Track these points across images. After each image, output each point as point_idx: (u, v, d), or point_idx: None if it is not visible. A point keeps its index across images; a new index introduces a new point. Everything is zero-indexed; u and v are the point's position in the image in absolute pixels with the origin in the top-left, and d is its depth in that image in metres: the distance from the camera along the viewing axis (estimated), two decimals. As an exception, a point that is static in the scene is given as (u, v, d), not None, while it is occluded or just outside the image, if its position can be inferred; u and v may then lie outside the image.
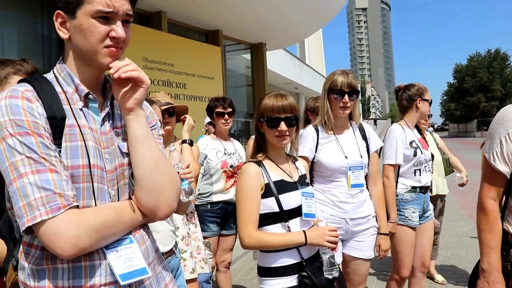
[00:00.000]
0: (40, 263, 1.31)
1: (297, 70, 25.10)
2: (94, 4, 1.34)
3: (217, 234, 4.37)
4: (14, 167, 1.23)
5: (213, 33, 11.44)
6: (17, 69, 2.16)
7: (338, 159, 3.15)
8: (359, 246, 3.21)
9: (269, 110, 2.42)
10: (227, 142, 4.52)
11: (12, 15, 7.58)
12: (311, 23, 13.49)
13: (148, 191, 1.41)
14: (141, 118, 1.45)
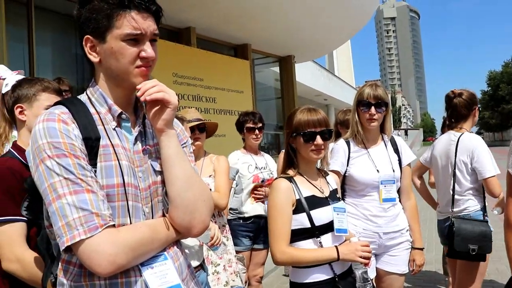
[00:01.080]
0: (79, 280, 1.35)
1: (326, 82, 25.02)
2: (123, 28, 1.38)
3: (249, 248, 4.37)
4: (52, 188, 1.27)
5: (242, 47, 11.53)
6: (45, 87, 2.21)
7: (370, 173, 3.11)
8: (393, 261, 3.15)
9: (305, 125, 2.42)
10: (258, 156, 4.53)
11: (47, 36, 7.83)
12: (339, 35, 13.45)
13: (182, 209, 1.44)
14: (172, 138, 1.48)
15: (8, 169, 1.97)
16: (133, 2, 1.38)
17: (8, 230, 1.89)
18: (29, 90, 2.19)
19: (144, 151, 1.51)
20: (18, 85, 2.23)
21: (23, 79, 2.30)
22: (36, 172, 1.31)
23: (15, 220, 1.90)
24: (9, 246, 1.89)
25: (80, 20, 1.43)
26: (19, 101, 2.19)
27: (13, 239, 1.89)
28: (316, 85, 22.35)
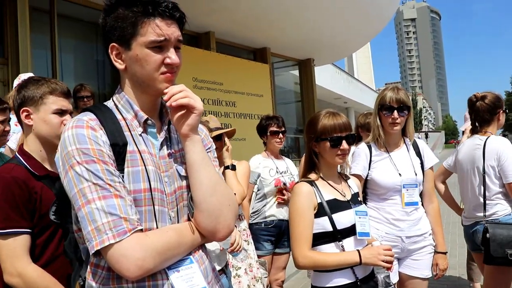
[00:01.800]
0: (107, 283, 1.38)
1: (345, 84, 24.92)
2: (148, 35, 1.40)
3: (271, 252, 4.37)
4: (82, 193, 1.30)
5: (261, 50, 11.56)
6: (53, 89, 2.11)
7: (392, 177, 3.09)
8: (415, 265, 3.12)
9: (331, 130, 2.41)
10: (279, 160, 4.53)
11: (69, 43, 7.96)
12: (359, 37, 13.40)
13: (208, 214, 1.45)
14: (197, 143, 1.50)
15: (13, 178, 1.92)
16: (157, 10, 1.40)
17: (11, 244, 1.87)
18: (36, 92, 2.08)
19: (170, 156, 1.53)
20: (24, 85, 2.12)
21: (29, 78, 2.20)
22: (66, 178, 1.34)
23: (18, 233, 1.89)
24: (11, 260, 1.87)
25: (106, 28, 1.46)
26: (25, 104, 2.09)
27: (16, 253, 1.87)
28: (336, 88, 22.27)
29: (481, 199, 3.56)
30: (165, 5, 1.41)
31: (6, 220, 1.87)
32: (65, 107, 2.12)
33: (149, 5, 1.40)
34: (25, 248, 1.89)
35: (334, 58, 16.48)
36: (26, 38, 6.47)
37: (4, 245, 1.87)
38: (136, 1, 1.41)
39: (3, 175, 1.94)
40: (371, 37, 14.78)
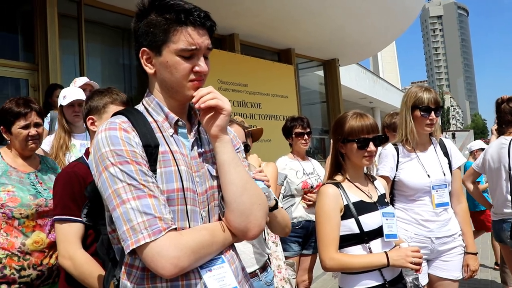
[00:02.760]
0: (141, 283, 1.40)
1: (371, 84, 24.69)
2: (179, 43, 1.43)
3: (298, 253, 4.37)
4: (116, 194, 1.33)
5: (285, 52, 11.56)
6: (114, 99, 2.31)
7: (420, 178, 3.06)
8: (445, 266, 3.08)
9: (358, 131, 2.40)
10: (305, 162, 4.52)
11: (97, 47, 8.10)
12: (384, 36, 13.26)
13: (239, 213, 1.47)
14: (227, 144, 1.51)
15: (74, 173, 2.12)
16: (190, 18, 1.43)
17: (65, 229, 2.06)
18: (99, 102, 2.30)
19: (201, 156, 1.56)
20: (90, 97, 2.35)
21: (95, 91, 2.40)
22: (100, 179, 1.37)
23: (73, 221, 2.05)
24: (64, 243, 2.07)
25: (138, 32, 1.50)
26: (90, 113, 2.31)
27: (69, 238, 2.05)
28: (361, 88, 22.10)
29: (509, 196, 3.71)
30: (197, 14, 1.44)
31: (64, 208, 2.07)
32: None
33: (181, 13, 1.42)
34: (78, 235, 2.07)
35: (359, 57, 16.36)
36: (55, 44, 6.63)
37: (60, 230, 2.09)
38: (169, 8, 1.43)
39: (67, 170, 2.20)
40: (397, 35, 14.61)
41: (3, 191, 2.48)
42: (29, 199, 2.51)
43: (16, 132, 2.62)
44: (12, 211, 2.46)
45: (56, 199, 2.12)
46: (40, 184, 2.64)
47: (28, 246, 2.48)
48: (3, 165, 2.58)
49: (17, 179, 2.57)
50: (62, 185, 2.11)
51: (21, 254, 2.47)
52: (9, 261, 2.44)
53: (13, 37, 7.10)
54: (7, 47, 6.97)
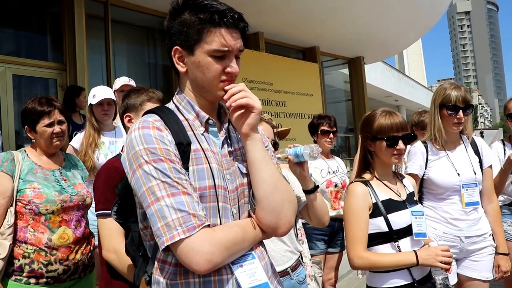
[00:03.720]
0: (174, 278, 1.43)
1: (396, 82, 24.41)
2: (212, 44, 1.44)
3: (324, 251, 4.36)
4: (151, 191, 1.35)
5: (310, 50, 11.52)
6: (150, 97, 2.35)
7: (450, 176, 3.01)
8: (475, 266, 3.03)
9: (387, 129, 2.38)
10: (330, 160, 4.50)
11: (123, 47, 8.21)
12: (410, 33, 13.09)
13: (269, 210, 1.49)
14: (257, 142, 1.53)
15: (114, 168, 2.14)
16: (223, 20, 1.44)
17: (109, 223, 2.06)
18: (136, 100, 2.35)
19: (231, 154, 1.57)
20: (127, 95, 2.40)
21: (132, 89, 2.46)
22: (134, 177, 1.39)
23: None
24: (109, 237, 2.11)
25: (171, 31, 1.51)
26: (127, 110, 2.36)
27: (113, 231, 2.08)
28: (386, 86, 21.88)
29: None
30: (231, 15, 1.45)
31: (107, 203, 2.08)
32: None
33: (216, 14, 1.43)
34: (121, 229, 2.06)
35: (384, 55, 16.17)
36: (82, 44, 6.74)
37: (104, 224, 2.13)
38: (203, 8, 1.45)
39: (107, 165, 2.24)
40: (423, 32, 14.41)
41: (29, 188, 2.55)
42: (54, 195, 2.58)
43: (41, 130, 2.69)
44: (38, 207, 2.53)
45: (98, 194, 2.17)
46: (64, 180, 2.71)
47: (54, 241, 2.55)
48: (28, 163, 2.64)
49: (43, 176, 2.63)
50: (103, 181, 2.16)
51: (48, 249, 2.53)
52: (36, 256, 2.51)
53: (42, 38, 7.26)
54: (37, 47, 7.14)
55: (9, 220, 2.50)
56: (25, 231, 2.53)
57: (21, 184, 2.55)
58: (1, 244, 2.47)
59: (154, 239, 1.45)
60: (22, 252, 2.51)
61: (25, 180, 2.56)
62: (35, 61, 6.64)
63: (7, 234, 2.48)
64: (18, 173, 2.56)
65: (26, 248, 2.51)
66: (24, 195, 2.54)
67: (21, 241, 2.53)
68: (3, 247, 2.46)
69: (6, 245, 2.47)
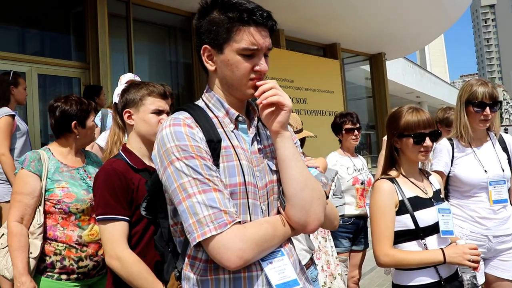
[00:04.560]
0: (204, 274, 1.44)
1: (418, 78, 24.12)
2: (241, 43, 1.45)
3: (348, 249, 4.35)
4: (182, 188, 1.36)
5: (331, 46, 11.47)
6: (151, 91, 2.30)
7: (476, 173, 2.97)
8: (504, 266, 2.98)
9: (414, 126, 2.36)
10: (355, 158, 4.49)
11: (144, 46, 8.28)
12: (433, 28, 12.91)
13: (299, 208, 1.48)
14: (287, 139, 1.53)
15: (113, 170, 2.10)
16: (252, 18, 1.44)
17: (110, 228, 2.04)
18: (136, 95, 2.29)
19: (260, 151, 1.58)
20: (126, 90, 2.35)
21: (131, 84, 2.42)
22: (165, 174, 1.40)
23: (117, 219, 2.05)
24: (111, 243, 2.03)
25: (200, 30, 1.52)
26: (127, 106, 2.30)
27: (115, 237, 2.03)
28: (408, 82, 21.65)
29: None
30: (260, 13, 1.45)
31: (106, 207, 2.04)
32: (162, 107, 2.30)
33: (245, 12, 1.44)
34: (123, 234, 2.05)
35: (406, 51, 16.01)
36: (105, 44, 6.83)
37: (105, 230, 2.05)
38: (232, 6, 1.45)
39: (105, 167, 2.15)
40: (446, 27, 14.18)
41: (57, 187, 2.56)
42: (83, 194, 2.60)
43: (91, 125, 2.76)
44: (68, 207, 2.54)
45: (97, 198, 2.10)
46: (89, 178, 2.71)
47: (84, 238, 2.57)
48: (54, 162, 2.64)
49: (69, 175, 2.64)
50: (102, 183, 2.09)
51: (78, 246, 2.56)
52: (67, 252, 2.54)
53: (66, 37, 7.38)
54: (61, 47, 7.26)
55: (38, 220, 2.52)
56: (54, 229, 2.56)
57: (49, 184, 2.56)
58: (33, 243, 2.49)
59: (184, 235, 1.46)
60: (53, 250, 2.54)
61: (53, 180, 2.57)
62: (59, 61, 6.75)
63: (38, 234, 2.51)
64: (45, 172, 2.56)
65: (57, 246, 2.55)
66: (53, 195, 2.55)
67: (51, 239, 2.55)
68: (34, 246, 2.49)
69: (37, 244, 2.50)
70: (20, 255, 2.44)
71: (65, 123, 2.67)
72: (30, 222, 2.53)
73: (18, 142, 4.34)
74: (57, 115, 2.67)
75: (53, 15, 7.23)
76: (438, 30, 13.90)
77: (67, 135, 2.71)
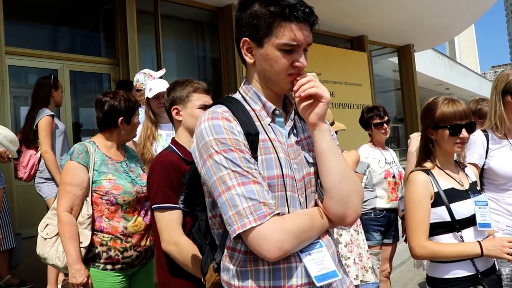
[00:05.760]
0: (244, 265, 1.46)
1: (447, 70, 23.64)
2: (282, 38, 1.45)
3: (380, 243, 4.32)
4: (222, 180, 1.38)
5: (358, 39, 11.35)
6: (196, 88, 2.41)
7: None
8: None
9: (450, 117, 2.32)
10: (386, 151, 4.46)
11: (172, 41, 8.35)
12: (463, 19, 12.59)
13: (337, 200, 1.48)
14: (325, 132, 1.52)
15: (169, 161, 2.19)
16: (294, 14, 1.43)
17: (168, 216, 2.13)
18: (182, 92, 2.40)
19: (297, 144, 1.58)
20: (172, 88, 2.46)
21: (176, 82, 2.50)
22: (204, 167, 1.42)
23: (173, 208, 2.12)
24: (168, 230, 2.12)
25: (240, 22, 1.52)
26: (174, 103, 2.41)
27: (172, 224, 2.12)
28: (437, 74, 21.23)
29: None
30: (302, 9, 1.44)
31: (164, 196, 2.14)
32: (207, 102, 2.41)
33: (286, 7, 1.43)
34: (179, 222, 2.15)
35: (435, 42, 15.64)
36: (134, 40, 6.93)
37: (163, 218, 2.15)
38: (273, 0, 1.44)
39: (161, 159, 2.25)
40: (477, 17, 13.81)
41: (105, 179, 2.64)
42: (129, 186, 2.68)
43: (136, 122, 2.86)
44: (116, 198, 2.63)
45: (155, 188, 2.18)
46: (131, 171, 2.80)
47: (129, 229, 2.66)
48: (100, 154, 2.72)
49: (113, 168, 2.72)
50: (159, 174, 2.18)
51: (123, 237, 2.64)
52: (113, 243, 2.63)
53: (96, 34, 7.52)
54: (91, 44, 7.41)
55: (87, 210, 2.61)
56: (100, 220, 2.64)
57: (96, 176, 2.64)
58: (83, 233, 2.58)
59: (222, 227, 1.49)
60: (100, 240, 2.62)
61: (100, 172, 2.65)
62: (89, 57, 6.89)
63: (87, 224, 2.59)
64: (92, 164, 2.64)
65: (103, 237, 2.63)
66: (100, 186, 2.63)
67: (97, 230, 2.63)
68: (84, 236, 2.57)
69: (87, 234, 2.58)
70: (72, 243, 2.52)
71: (112, 118, 2.76)
72: (78, 213, 2.61)
73: (57, 141, 4.54)
74: (105, 109, 2.75)
75: (84, 13, 7.36)
76: (468, 20, 13.56)
77: (112, 129, 2.79)
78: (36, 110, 4.49)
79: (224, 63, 8.38)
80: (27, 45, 6.26)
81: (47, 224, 2.71)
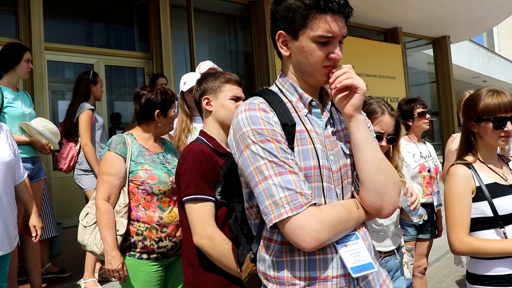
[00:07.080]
0: (280, 256, 1.47)
1: (485, 61, 22.98)
2: (317, 30, 1.44)
3: (415, 238, 4.23)
4: (258, 170, 1.39)
5: (392, 31, 11.16)
6: (228, 79, 2.39)
7: None
8: None
9: (495, 110, 2.25)
10: (421, 144, 4.35)
11: (205, 35, 8.39)
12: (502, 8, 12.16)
13: (374, 192, 1.47)
14: (361, 123, 1.51)
15: (201, 152, 2.16)
16: (329, 6, 1.43)
17: (200, 208, 2.07)
18: (214, 83, 2.38)
19: (334, 135, 1.58)
20: (204, 78, 2.45)
21: (207, 73, 2.51)
22: (241, 157, 1.43)
23: (206, 200, 2.09)
24: (201, 223, 2.05)
25: (275, 15, 1.52)
26: (205, 93, 2.39)
27: (205, 217, 2.06)
28: (473, 66, 20.68)
29: None
30: (337, 1, 1.43)
31: (197, 187, 2.08)
32: (239, 94, 2.39)
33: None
34: (212, 214, 2.09)
35: (472, 33, 15.22)
36: (167, 34, 7.00)
37: (195, 209, 2.08)
38: None
39: (193, 149, 2.20)
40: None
41: (141, 169, 2.69)
42: (165, 176, 2.71)
43: (172, 115, 2.90)
44: (152, 188, 2.67)
45: (187, 178, 2.11)
46: (168, 163, 2.83)
47: (165, 219, 2.69)
48: (137, 146, 2.78)
49: (150, 159, 2.77)
50: (192, 164, 2.12)
51: (159, 227, 2.68)
52: (149, 233, 2.66)
53: (130, 29, 7.63)
54: (125, 39, 7.53)
55: (124, 200, 2.66)
56: (136, 210, 2.69)
57: (133, 166, 2.70)
58: (119, 221, 2.64)
59: (259, 218, 1.50)
60: (136, 230, 2.67)
61: (136, 162, 2.71)
62: (124, 52, 7.02)
63: (123, 213, 2.65)
64: (129, 155, 2.71)
65: (139, 226, 2.67)
66: (136, 176, 2.68)
67: (133, 219, 2.69)
68: (121, 224, 2.63)
69: (124, 222, 2.64)
70: (109, 231, 2.58)
71: (149, 111, 2.81)
72: (115, 202, 2.67)
73: (96, 134, 4.68)
74: (142, 102, 2.81)
75: (118, 8, 7.49)
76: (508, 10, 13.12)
77: (149, 122, 2.85)
78: (77, 104, 4.62)
79: (256, 57, 8.38)
80: (64, 41, 6.42)
81: (87, 213, 2.79)
